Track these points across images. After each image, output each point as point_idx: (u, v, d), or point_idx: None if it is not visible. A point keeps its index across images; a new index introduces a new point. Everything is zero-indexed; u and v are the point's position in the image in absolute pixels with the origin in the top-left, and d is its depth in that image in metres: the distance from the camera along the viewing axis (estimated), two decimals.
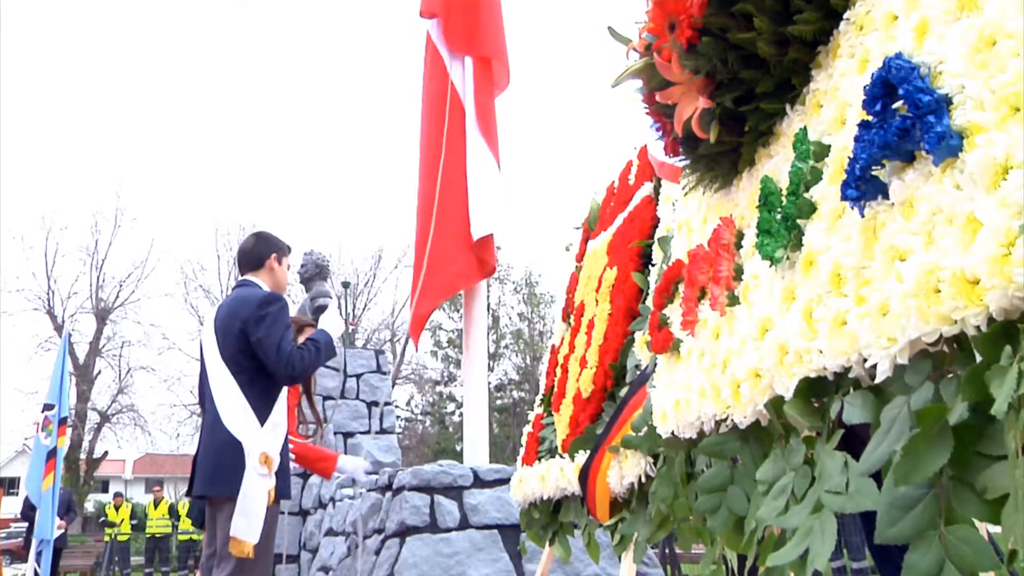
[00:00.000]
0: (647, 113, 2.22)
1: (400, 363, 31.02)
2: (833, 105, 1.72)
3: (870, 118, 1.46)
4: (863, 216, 1.48)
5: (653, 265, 3.44)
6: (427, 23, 3.65)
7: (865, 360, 1.47)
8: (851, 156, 1.49)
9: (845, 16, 1.71)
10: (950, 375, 1.29)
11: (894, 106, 1.40)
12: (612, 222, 4.08)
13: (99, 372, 28.80)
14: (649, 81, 2.07)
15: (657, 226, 3.54)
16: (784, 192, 1.86)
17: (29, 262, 28.75)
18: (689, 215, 2.72)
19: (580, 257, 4.62)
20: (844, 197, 1.48)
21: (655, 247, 3.39)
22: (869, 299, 1.43)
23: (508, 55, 3.60)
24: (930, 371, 1.33)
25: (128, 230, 29.61)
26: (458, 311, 29.52)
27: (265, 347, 3.77)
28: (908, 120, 1.34)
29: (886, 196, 1.44)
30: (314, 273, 12.42)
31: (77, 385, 27.71)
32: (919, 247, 1.32)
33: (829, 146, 1.71)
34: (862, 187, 1.45)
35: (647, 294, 3.49)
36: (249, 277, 4.21)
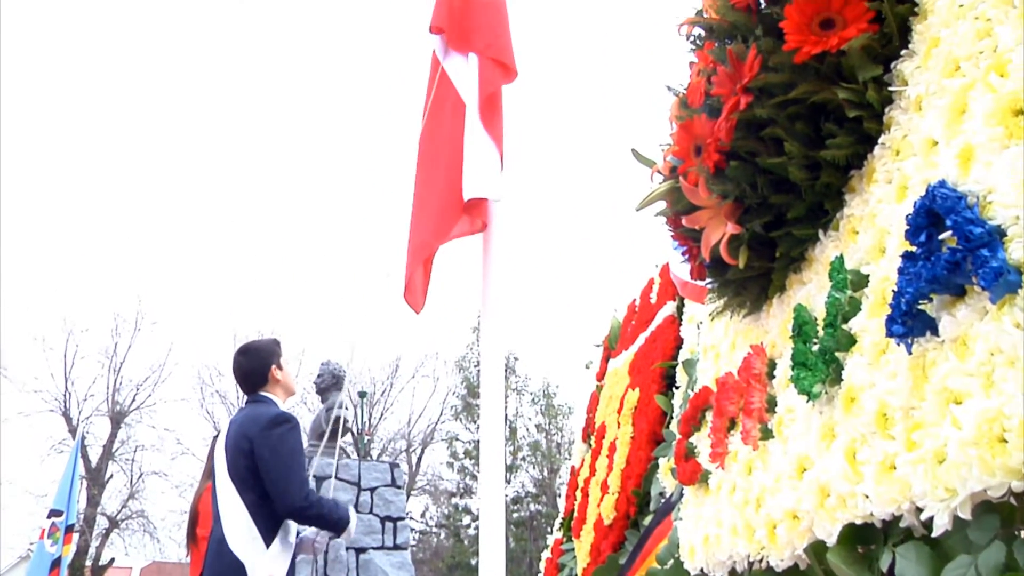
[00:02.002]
0: (672, 236, 2.15)
1: (415, 474, 30.49)
2: (870, 232, 1.64)
3: (914, 249, 1.37)
4: (911, 353, 1.38)
5: (677, 388, 3.32)
6: (433, 47, 3.65)
7: (919, 510, 1.34)
8: (895, 289, 1.39)
9: (880, 140, 1.65)
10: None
11: (941, 237, 1.32)
12: (634, 341, 3.98)
13: (111, 476, 28.45)
14: (674, 204, 2.01)
15: (681, 347, 3.44)
16: (820, 323, 1.76)
17: (48, 363, 28.79)
18: (716, 340, 2.62)
19: (601, 376, 4.51)
20: (890, 333, 1.38)
21: (679, 369, 3.28)
22: (922, 444, 1.31)
23: (513, 51, 3.58)
24: (998, 528, 1.20)
25: (148, 333, 29.70)
26: (475, 421, 29.18)
27: (268, 470, 3.62)
28: (958, 253, 1.24)
29: (935, 332, 1.34)
30: (331, 383, 12.30)
31: (88, 489, 27.34)
32: (977, 390, 1.21)
33: (868, 276, 1.61)
34: (909, 323, 1.35)
35: (671, 418, 3.36)
36: (259, 393, 4.10)
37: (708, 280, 2.23)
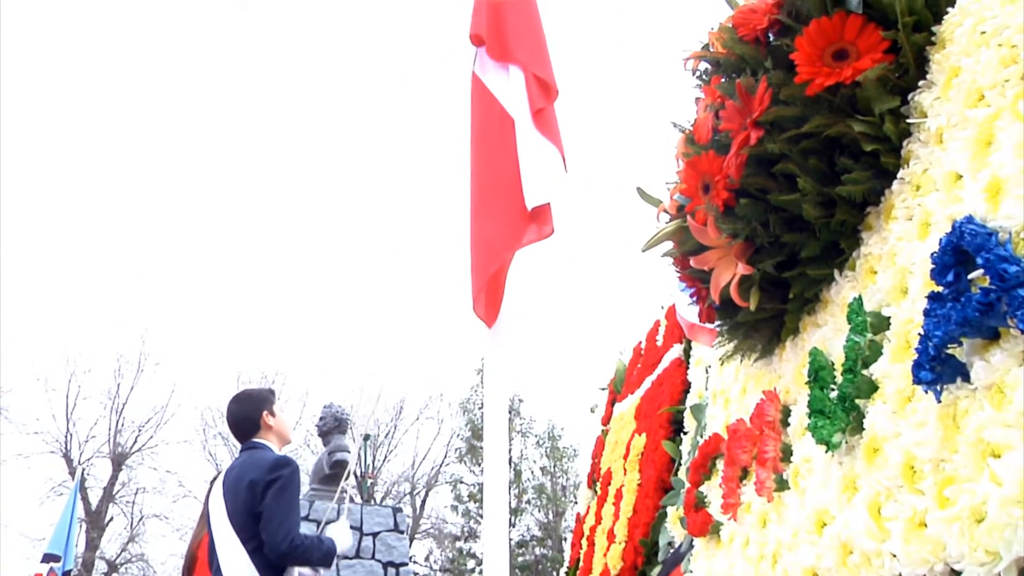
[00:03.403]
0: (679, 278, 2.07)
1: (419, 517, 30.10)
2: (891, 272, 1.55)
3: (941, 289, 1.28)
4: (940, 401, 1.28)
5: (685, 433, 3.21)
6: (472, 65, 3.62)
7: (955, 572, 1.23)
8: (921, 332, 1.30)
9: (899, 175, 1.56)
10: None
11: (970, 276, 1.23)
12: (640, 385, 3.88)
13: (111, 519, 28.10)
14: (682, 244, 1.92)
15: (688, 391, 3.34)
16: (838, 368, 1.66)
17: (50, 404, 28.62)
18: (726, 384, 2.52)
19: (606, 420, 4.40)
20: (917, 379, 1.28)
21: (687, 415, 3.17)
22: (956, 501, 1.21)
23: (552, 70, 3.58)
24: None
25: (151, 374, 29.51)
26: (479, 464, 28.86)
27: (267, 516, 3.54)
28: (992, 293, 1.15)
29: (966, 379, 1.24)
30: (333, 427, 12.15)
31: (87, 532, 27.00)
32: (1018, 442, 1.11)
33: (889, 318, 1.52)
34: (938, 368, 1.25)
35: (679, 465, 3.24)
36: (253, 439, 4.03)
37: (717, 323, 2.14)
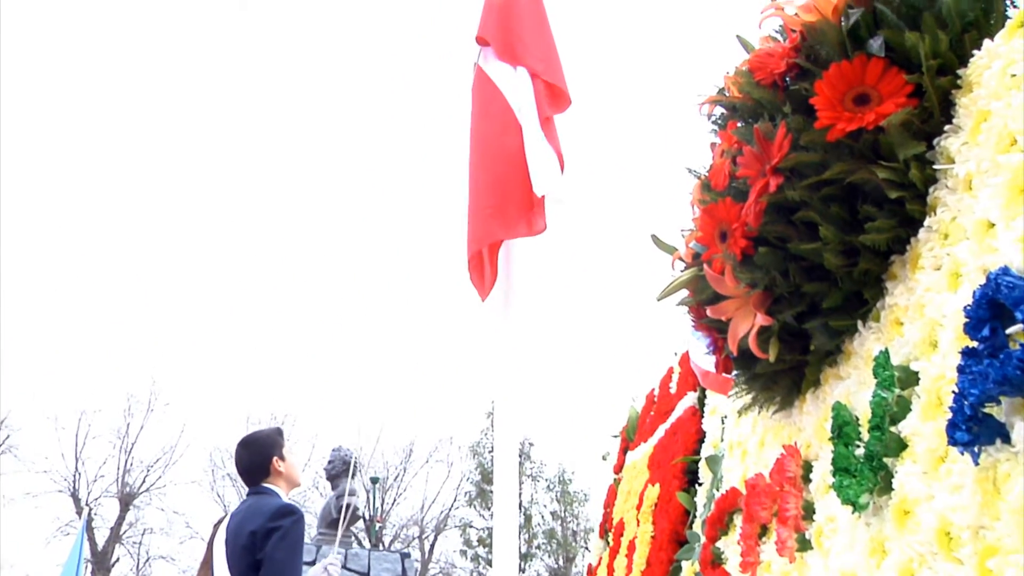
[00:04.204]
0: (695, 327, 2.00)
1: (428, 561, 29.70)
2: (918, 324, 1.48)
3: (975, 345, 1.21)
4: (977, 463, 1.20)
5: (700, 485, 3.12)
6: (475, 59, 3.65)
7: None
8: (955, 390, 1.23)
9: (925, 224, 1.50)
10: None
11: (1008, 331, 1.16)
12: (653, 433, 3.79)
13: (117, 559, 27.84)
14: (698, 294, 1.86)
15: (703, 441, 3.24)
16: (863, 424, 1.59)
17: (60, 443, 28.51)
18: (743, 436, 2.43)
19: (618, 468, 4.30)
20: (952, 440, 1.21)
21: (702, 465, 3.07)
22: (1001, 574, 1.13)
23: (564, 78, 3.63)
24: None
25: (160, 414, 29.44)
26: (489, 508, 28.54)
27: (267, 565, 3.46)
28: None
29: (1006, 440, 1.17)
30: (341, 470, 12.03)
31: (93, 573, 26.74)
32: None
33: (918, 373, 1.45)
34: (975, 429, 1.18)
35: (694, 517, 3.14)
36: (262, 485, 3.95)
37: (735, 373, 2.06)
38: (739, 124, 1.74)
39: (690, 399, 3.47)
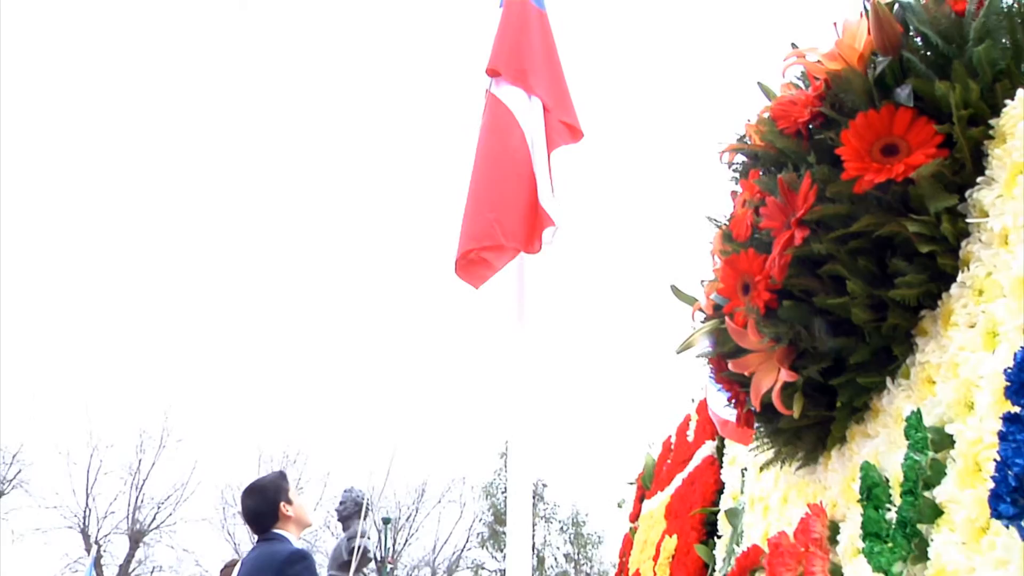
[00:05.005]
0: (715, 380, 1.94)
1: None
2: (952, 384, 1.41)
3: (1018, 410, 1.15)
4: None
5: (719, 537, 3.03)
6: (488, 85, 3.70)
7: None
8: (997, 459, 1.16)
9: (958, 279, 1.44)
10: None
11: None
12: (670, 482, 3.70)
13: None
14: (719, 346, 1.80)
15: (722, 491, 3.16)
16: (894, 486, 1.51)
17: (71, 478, 28.42)
18: (765, 491, 2.35)
19: (634, 517, 4.20)
20: (996, 513, 1.14)
21: (721, 517, 2.99)
22: None
23: (575, 111, 3.70)
24: None
25: (173, 450, 29.34)
26: (501, 550, 28.19)
27: None
28: None
29: None
30: (353, 511, 11.86)
31: None
32: None
33: (952, 436, 1.38)
34: (1020, 502, 1.11)
35: (713, 571, 3.05)
36: (271, 531, 3.89)
37: (757, 427, 1.99)
38: (761, 173, 1.70)
39: (708, 448, 3.39)
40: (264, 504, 3.88)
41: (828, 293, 1.54)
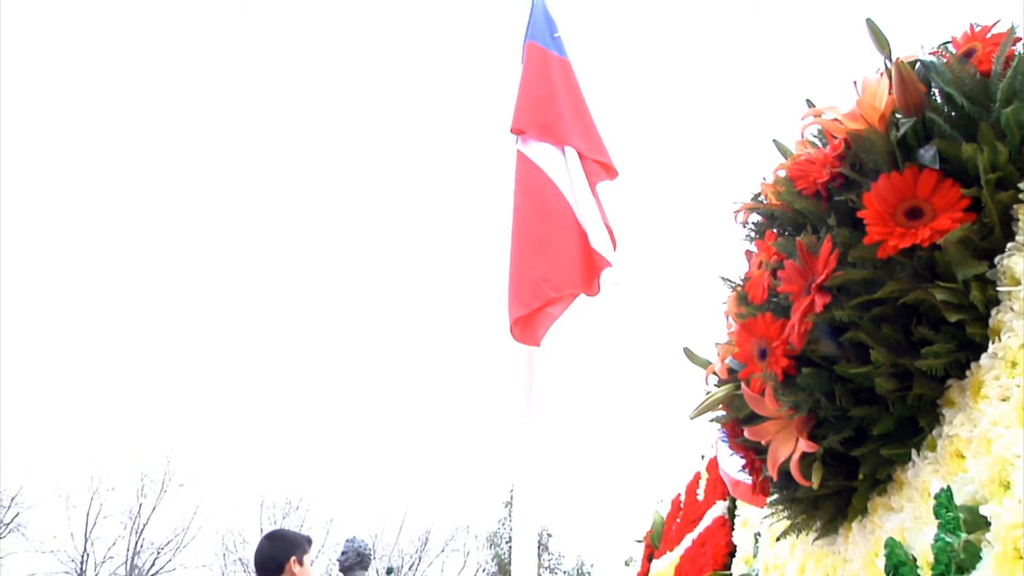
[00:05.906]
0: (730, 446, 1.86)
1: None
2: (984, 461, 1.33)
3: None
4: None
5: None
6: (515, 143, 3.69)
7: None
8: None
9: (989, 350, 1.37)
10: None
11: None
12: (679, 542, 3.58)
13: None
14: (734, 412, 1.73)
15: (733, 554, 3.05)
16: (923, 565, 1.43)
17: (70, 522, 28.08)
18: (780, 559, 2.26)
19: None
20: None
21: None
22: None
23: (607, 150, 3.71)
24: None
25: (174, 495, 29.06)
26: None
27: None
28: None
29: None
30: (355, 562, 11.66)
31: None
32: None
33: (987, 518, 1.30)
34: None
35: None
36: None
37: (773, 496, 1.91)
38: (778, 234, 1.64)
39: (719, 508, 3.29)
40: (280, 552, 3.89)
41: (850, 361, 1.47)
